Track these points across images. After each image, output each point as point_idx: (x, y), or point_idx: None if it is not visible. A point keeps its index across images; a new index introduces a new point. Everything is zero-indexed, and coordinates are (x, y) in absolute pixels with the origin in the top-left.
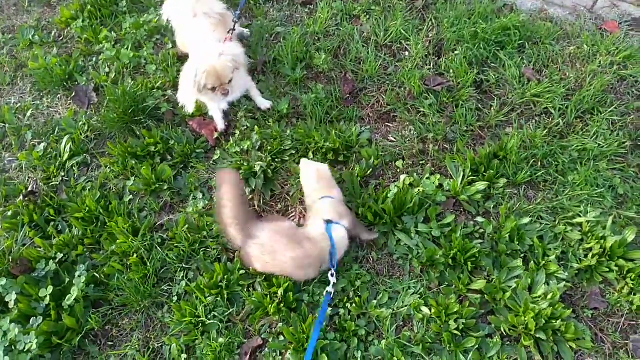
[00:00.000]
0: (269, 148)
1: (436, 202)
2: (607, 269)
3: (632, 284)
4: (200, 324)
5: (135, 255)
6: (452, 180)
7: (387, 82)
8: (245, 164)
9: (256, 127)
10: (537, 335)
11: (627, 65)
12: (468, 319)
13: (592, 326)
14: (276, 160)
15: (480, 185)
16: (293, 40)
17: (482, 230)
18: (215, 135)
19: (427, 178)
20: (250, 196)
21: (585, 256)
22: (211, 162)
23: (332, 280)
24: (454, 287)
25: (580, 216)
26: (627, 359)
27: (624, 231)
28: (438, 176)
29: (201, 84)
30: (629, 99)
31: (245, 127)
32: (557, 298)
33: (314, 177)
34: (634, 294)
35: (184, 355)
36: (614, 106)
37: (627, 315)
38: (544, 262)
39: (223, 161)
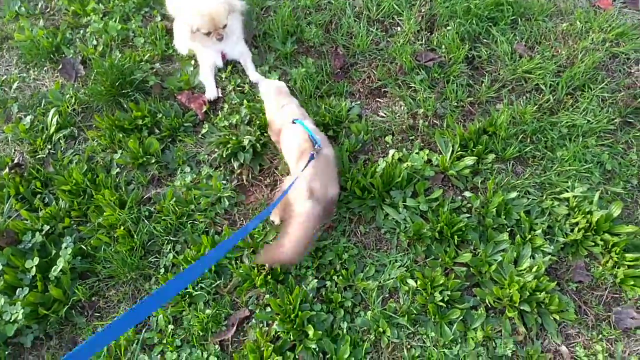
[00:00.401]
0: (257, 122)
1: (424, 177)
2: (593, 243)
3: (617, 257)
4: (187, 296)
5: (122, 228)
6: (440, 156)
7: (379, 57)
8: (233, 138)
9: (245, 101)
10: (521, 307)
11: (620, 43)
12: (453, 291)
13: (576, 299)
14: (265, 134)
15: (469, 161)
16: (284, 13)
17: (469, 205)
18: (204, 108)
19: (416, 153)
20: (239, 170)
21: (571, 230)
22: (199, 136)
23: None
24: (440, 260)
25: (567, 191)
26: (609, 330)
27: (610, 206)
28: (427, 151)
29: (194, 26)
30: (620, 76)
31: (234, 101)
32: (542, 271)
33: (273, 92)
34: (618, 268)
35: (170, 326)
36: (604, 83)
37: (611, 288)
38: (530, 236)
39: (211, 135)
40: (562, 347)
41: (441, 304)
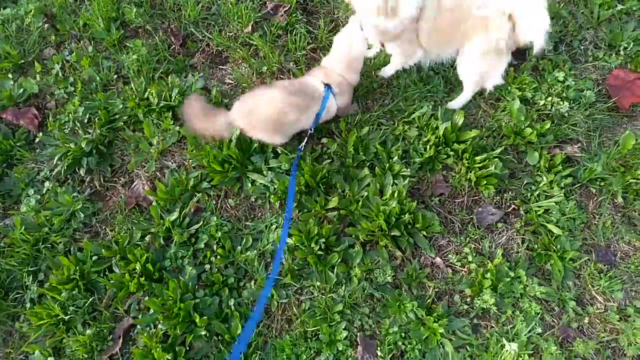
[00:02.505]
0: (96, 120)
1: None
2: (445, 155)
3: (467, 162)
4: (61, 322)
5: None
6: None
7: (213, 22)
8: (72, 144)
9: (76, 100)
10: (392, 233)
11: None
12: (329, 237)
13: (441, 211)
14: (108, 131)
15: None
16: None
17: (329, 150)
18: (36, 121)
19: None
20: (89, 177)
21: (425, 149)
22: (37, 151)
23: (302, 144)
24: (313, 211)
25: (415, 112)
26: (474, 231)
27: (454, 116)
28: None
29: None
30: None
31: (66, 99)
32: (405, 194)
33: (346, 48)
34: (471, 171)
35: (51, 359)
36: None
37: (469, 192)
38: (388, 164)
39: (50, 146)
40: (436, 259)
41: (320, 252)
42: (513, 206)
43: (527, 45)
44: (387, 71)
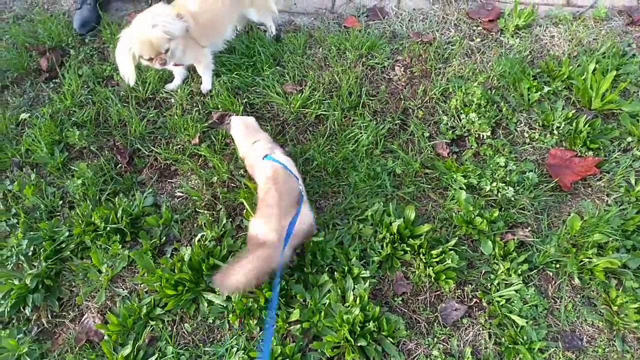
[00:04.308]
0: (41, 252)
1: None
2: (402, 252)
3: (424, 257)
4: None
5: None
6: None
7: (159, 136)
8: (15, 282)
9: (19, 232)
10: (359, 344)
11: (373, 55)
12: (293, 355)
13: (405, 310)
14: (55, 262)
15: None
16: (44, 123)
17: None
18: None
19: (224, 225)
20: (35, 315)
21: (382, 247)
22: None
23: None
24: (275, 327)
25: (367, 210)
26: (441, 330)
27: (406, 211)
28: (237, 220)
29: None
30: (382, 84)
31: (8, 232)
32: (367, 298)
33: (241, 127)
34: (429, 267)
35: None
36: (371, 96)
37: (430, 288)
38: (347, 267)
39: None
40: None
41: None
42: (475, 299)
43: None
44: (206, 85)
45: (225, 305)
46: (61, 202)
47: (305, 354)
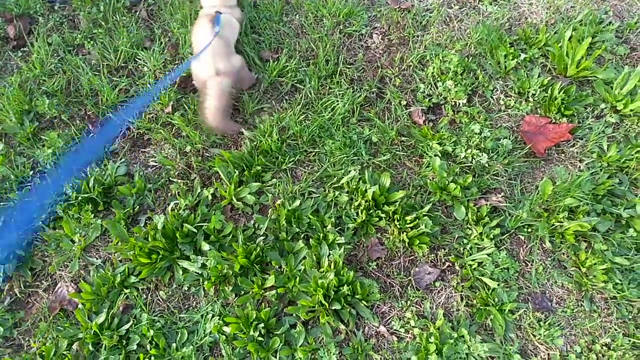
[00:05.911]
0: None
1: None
2: (377, 218)
3: (399, 223)
4: None
5: None
6: (227, 187)
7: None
8: None
9: None
10: (333, 307)
11: (351, 22)
12: (268, 320)
13: (380, 275)
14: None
15: (253, 188)
16: (12, 92)
17: (261, 227)
18: None
19: (198, 194)
20: (7, 285)
21: (357, 214)
22: None
23: None
24: (250, 292)
25: (343, 177)
26: (414, 293)
27: (381, 178)
28: (211, 188)
29: None
30: (360, 52)
31: None
32: (341, 264)
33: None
34: (403, 232)
35: None
36: (348, 63)
37: (404, 253)
38: (322, 234)
39: None
40: (380, 328)
41: (261, 338)
42: (448, 263)
43: None
44: None
45: (200, 273)
46: (32, 172)
47: (280, 318)
